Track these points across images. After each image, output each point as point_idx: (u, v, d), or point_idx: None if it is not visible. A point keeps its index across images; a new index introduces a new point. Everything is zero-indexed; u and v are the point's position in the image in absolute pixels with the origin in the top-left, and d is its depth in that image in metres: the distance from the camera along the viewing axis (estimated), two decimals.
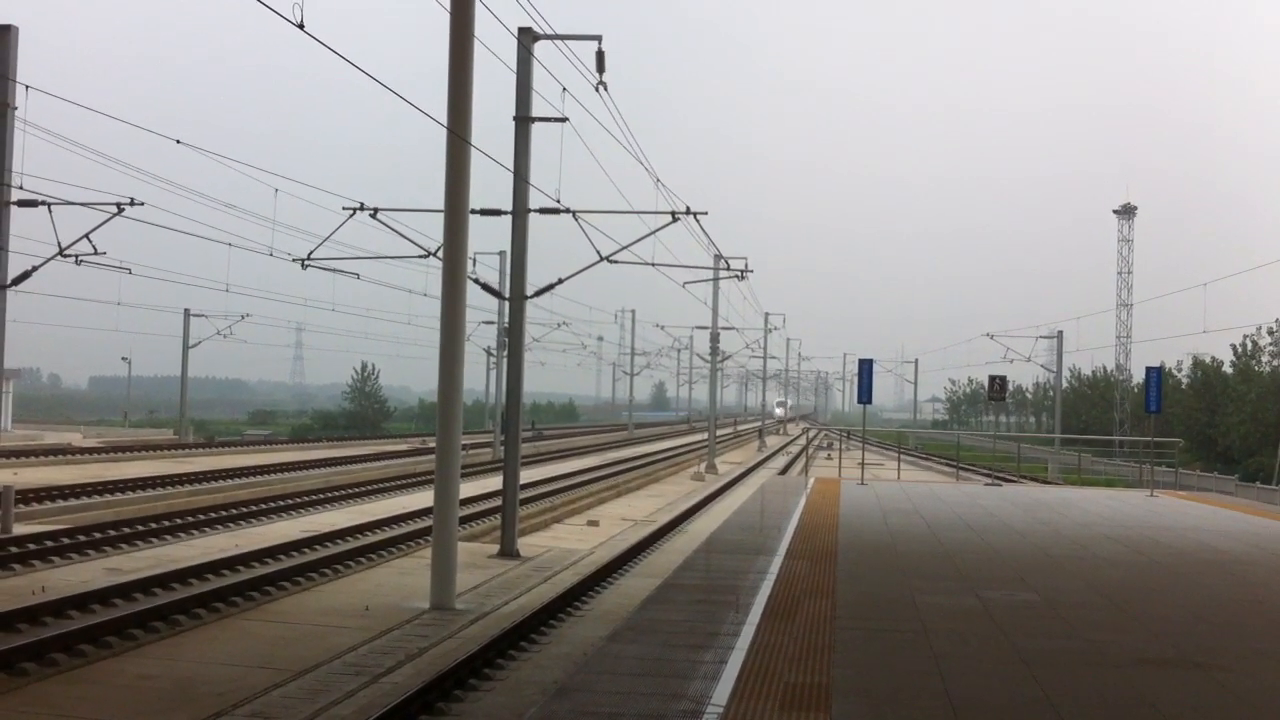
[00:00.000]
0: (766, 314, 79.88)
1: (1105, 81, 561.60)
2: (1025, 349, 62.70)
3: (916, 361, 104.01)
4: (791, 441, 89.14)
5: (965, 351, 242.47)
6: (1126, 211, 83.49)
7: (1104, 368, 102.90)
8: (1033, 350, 64.14)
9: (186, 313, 62.06)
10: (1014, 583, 14.65)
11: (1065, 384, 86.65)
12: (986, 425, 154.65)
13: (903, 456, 53.14)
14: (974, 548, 18.00)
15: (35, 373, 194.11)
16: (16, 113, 22.35)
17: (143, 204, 23.66)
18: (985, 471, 50.25)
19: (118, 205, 23.47)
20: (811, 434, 59.04)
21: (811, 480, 32.34)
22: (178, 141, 21.44)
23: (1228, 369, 78.34)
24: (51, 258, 23.90)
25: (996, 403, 48.31)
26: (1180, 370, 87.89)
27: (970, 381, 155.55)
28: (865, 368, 31.33)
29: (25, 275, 23.32)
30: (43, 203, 23.17)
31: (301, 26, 11.55)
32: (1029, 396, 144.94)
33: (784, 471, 50.53)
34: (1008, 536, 19.61)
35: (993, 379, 36.47)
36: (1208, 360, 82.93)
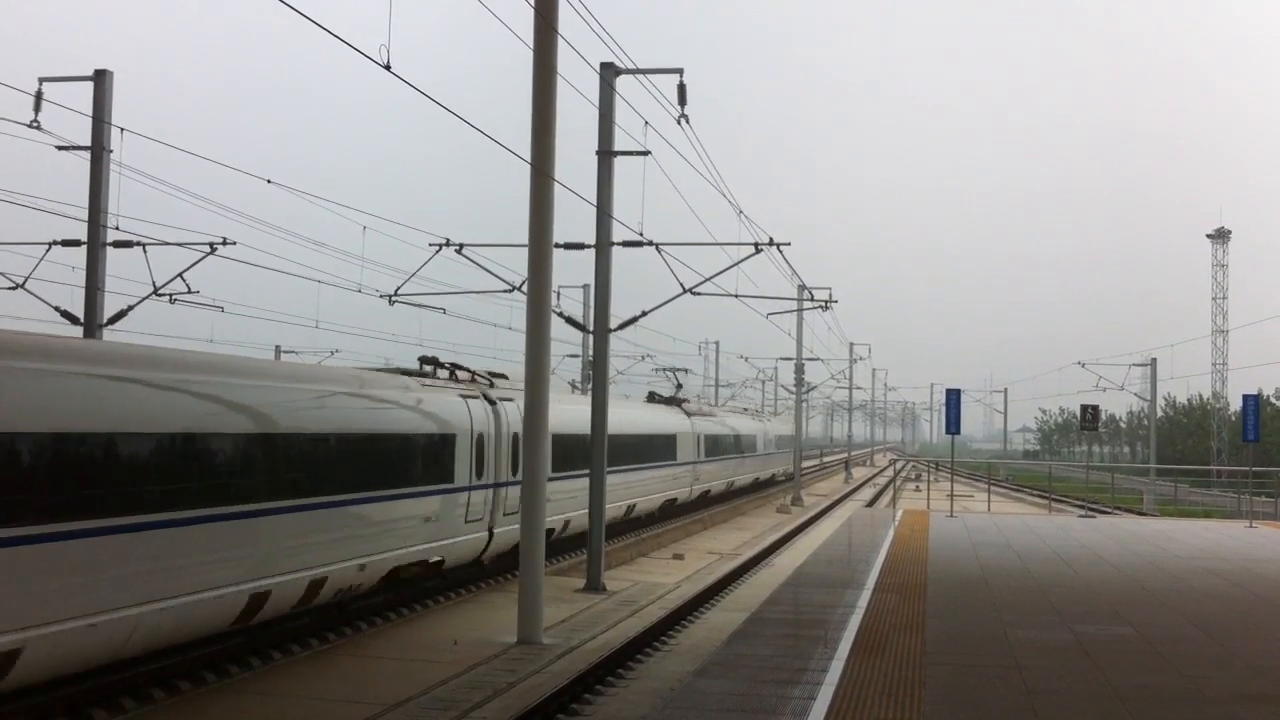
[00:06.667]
0: (851, 344, 79.30)
1: (1206, 99, 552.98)
2: (1117, 377, 61.42)
3: (1006, 391, 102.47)
4: (879, 473, 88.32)
5: (1056, 380, 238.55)
6: (1220, 235, 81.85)
7: (1200, 396, 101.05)
8: (1125, 378, 62.80)
9: (277, 349, 63.02)
10: (1109, 617, 14.37)
11: (1160, 413, 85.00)
12: (1079, 455, 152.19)
13: (993, 488, 52.39)
14: (1067, 581, 17.68)
15: None
16: (112, 155, 22.89)
17: (234, 243, 24.06)
18: (1078, 503, 49.34)
19: (210, 245, 23.87)
20: (899, 465, 58.44)
21: (899, 513, 32.01)
22: (268, 181, 21.82)
23: None
24: (146, 297, 24.36)
25: (1089, 432, 47.32)
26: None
27: (1062, 411, 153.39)
28: (953, 398, 31.06)
29: (121, 314, 23.82)
30: (138, 243, 23.66)
31: (388, 68, 11.70)
32: (1122, 426, 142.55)
33: (871, 504, 50.02)
34: (1102, 569, 19.25)
35: (1084, 408, 35.75)
36: None
